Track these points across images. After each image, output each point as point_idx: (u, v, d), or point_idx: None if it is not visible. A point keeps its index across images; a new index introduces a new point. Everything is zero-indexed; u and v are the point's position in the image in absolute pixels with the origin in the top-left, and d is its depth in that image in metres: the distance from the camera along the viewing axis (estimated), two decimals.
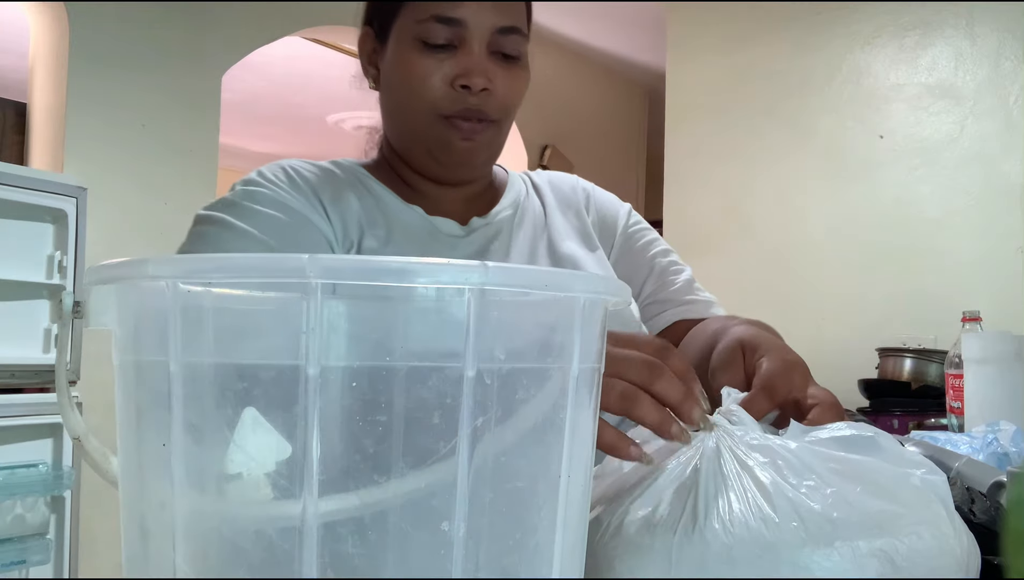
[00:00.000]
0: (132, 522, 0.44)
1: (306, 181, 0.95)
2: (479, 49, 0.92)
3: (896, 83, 3.21)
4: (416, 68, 0.92)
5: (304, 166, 0.98)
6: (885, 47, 3.23)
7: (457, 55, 0.92)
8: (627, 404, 0.61)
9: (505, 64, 0.95)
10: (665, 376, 0.62)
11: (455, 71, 0.92)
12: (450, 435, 0.40)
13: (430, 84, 0.92)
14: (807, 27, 3.39)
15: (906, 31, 3.19)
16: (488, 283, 0.39)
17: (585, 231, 1.08)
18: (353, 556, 0.39)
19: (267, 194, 0.92)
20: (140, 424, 0.43)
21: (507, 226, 1.03)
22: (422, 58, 0.92)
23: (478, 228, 1.01)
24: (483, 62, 0.92)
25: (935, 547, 0.54)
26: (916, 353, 2.81)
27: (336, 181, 0.98)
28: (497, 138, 0.98)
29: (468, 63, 0.92)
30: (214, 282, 0.40)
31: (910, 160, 3.16)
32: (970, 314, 1.76)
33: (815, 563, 0.52)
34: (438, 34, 0.91)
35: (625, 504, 0.61)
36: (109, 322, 0.44)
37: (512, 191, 1.07)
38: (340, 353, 0.39)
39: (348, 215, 0.94)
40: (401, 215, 0.97)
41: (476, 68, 0.91)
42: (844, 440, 0.61)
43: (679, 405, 0.61)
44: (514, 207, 1.06)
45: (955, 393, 1.65)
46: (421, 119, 0.94)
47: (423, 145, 0.96)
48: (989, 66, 3.04)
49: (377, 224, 0.95)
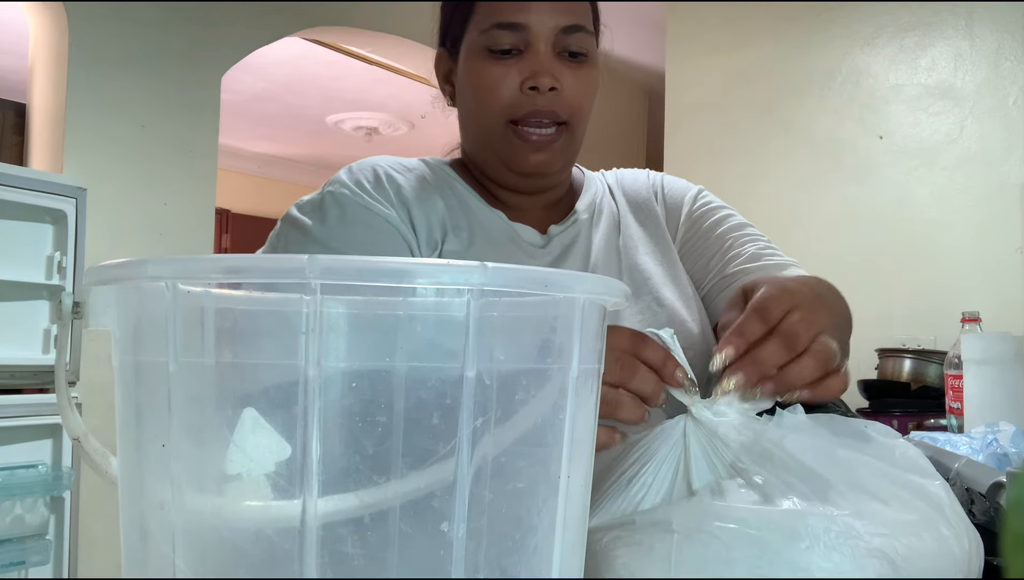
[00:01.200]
0: (132, 523, 0.44)
1: (393, 183, 0.96)
2: (545, 50, 0.93)
3: (895, 84, 3.21)
4: (484, 77, 0.93)
5: (392, 166, 0.99)
6: (884, 48, 3.23)
7: (523, 59, 0.93)
8: (610, 409, 0.65)
9: (573, 63, 0.94)
10: (639, 372, 0.65)
11: (522, 75, 0.92)
12: (450, 436, 0.40)
13: (499, 90, 0.93)
14: (807, 28, 3.39)
15: (905, 32, 3.19)
16: (488, 284, 0.39)
17: (659, 234, 1.06)
18: (353, 557, 0.39)
19: (352, 201, 0.93)
20: (140, 425, 0.43)
21: (584, 231, 1.02)
22: (489, 66, 0.93)
23: (555, 235, 1.00)
24: (549, 62, 0.93)
25: (934, 548, 0.54)
26: (915, 354, 2.81)
27: (423, 183, 0.98)
28: (571, 144, 0.97)
29: (534, 64, 0.92)
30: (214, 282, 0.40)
31: (909, 161, 3.16)
32: (969, 315, 1.76)
33: (814, 563, 0.52)
34: (503, 40, 0.92)
35: (624, 505, 0.61)
36: (109, 323, 0.44)
37: (588, 193, 1.06)
38: (340, 354, 0.39)
39: (433, 217, 0.95)
40: (484, 219, 0.98)
41: (542, 69, 0.92)
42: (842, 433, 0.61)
43: (650, 398, 0.65)
44: (590, 210, 1.05)
45: (954, 394, 1.65)
46: (493, 128, 0.95)
47: (497, 157, 0.97)
48: (988, 67, 3.04)
49: (460, 226, 0.96)
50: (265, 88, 5.40)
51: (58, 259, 2.68)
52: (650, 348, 0.66)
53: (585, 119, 0.98)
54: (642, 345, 0.66)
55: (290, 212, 0.95)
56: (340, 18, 3.85)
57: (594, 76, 0.97)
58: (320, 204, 0.94)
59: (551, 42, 0.93)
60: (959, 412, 1.61)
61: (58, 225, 2.70)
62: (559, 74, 0.93)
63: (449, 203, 0.97)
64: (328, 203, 0.93)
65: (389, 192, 0.95)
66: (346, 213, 0.92)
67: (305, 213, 0.93)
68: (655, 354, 0.66)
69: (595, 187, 1.08)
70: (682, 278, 1.03)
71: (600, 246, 1.01)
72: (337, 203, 0.93)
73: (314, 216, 0.93)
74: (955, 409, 1.64)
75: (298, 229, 0.93)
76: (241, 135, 6.44)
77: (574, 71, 0.94)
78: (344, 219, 0.92)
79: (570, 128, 0.95)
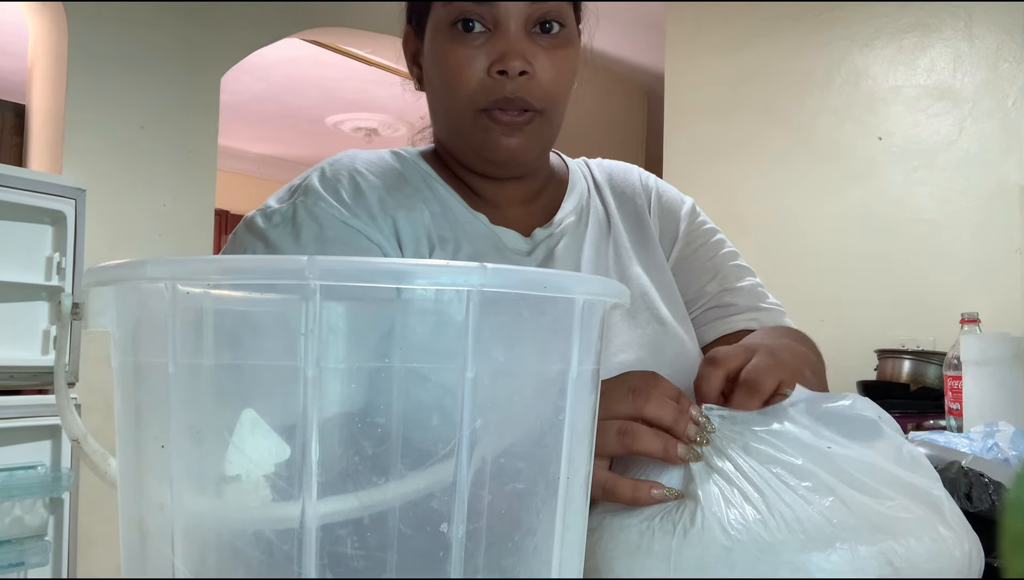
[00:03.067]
0: (131, 524, 0.44)
1: (374, 191, 0.87)
2: (516, 28, 0.83)
3: (895, 85, 3.21)
4: (450, 58, 0.84)
5: (370, 169, 0.90)
6: (884, 49, 3.24)
7: (492, 38, 0.83)
8: (627, 441, 0.62)
9: (547, 42, 0.85)
10: (653, 399, 0.63)
11: (490, 57, 0.83)
12: (449, 437, 0.40)
13: (465, 75, 0.84)
14: (806, 29, 3.39)
15: (905, 33, 3.20)
16: (487, 285, 0.39)
17: (651, 246, 1.00)
18: (352, 558, 0.39)
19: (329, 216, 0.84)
20: (139, 426, 0.43)
21: (571, 235, 0.95)
22: (455, 47, 0.84)
23: (541, 240, 0.93)
24: (520, 43, 0.83)
25: (933, 549, 0.54)
26: (915, 354, 2.81)
27: (404, 186, 0.90)
28: (546, 130, 0.88)
29: (503, 46, 0.83)
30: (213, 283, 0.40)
31: (908, 161, 3.16)
32: (969, 315, 1.76)
33: (814, 565, 0.52)
34: (469, 17, 0.83)
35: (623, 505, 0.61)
36: (108, 323, 0.44)
37: (574, 193, 0.99)
38: (339, 355, 0.39)
39: (420, 229, 0.88)
40: (467, 225, 0.90)
41: (512, 50, 0.82)
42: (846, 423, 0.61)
43: (673, 425, 0.62)
44: (577, 212, 0.97)
45: (954, 394, 1.65)
46: (461, 115, 0.86)
47: (467, 143, 0.89)
48: (987, 68, 3.04)
49: (447, 238, 0.88)
50: (265, 89, 5.40)
51: (57, 260, 2.68)
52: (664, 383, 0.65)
53: (562, 105, 0.88)
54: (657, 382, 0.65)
55: (255, 222, 0.84)
56: (340, 19, 3.85)
57: (572, 56, 0.87)
58: (292, 217, 0.83)
59: (522, 18, 0.83)
60: (958, 413, 1.61)
61: (57, 226, 2.70)
62: (531, 56, 0.83)
63: (433, 210, 0.90)
64: (302, 217, 0.83)
65: (371, 202, 0.86)
66: (324, 230, 0.83)
67: (275, 226, 0.83)
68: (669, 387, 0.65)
69: (580, 184, 1.00)
70: (677, 296, 0.98)
71: (589, 255, 0.95)
72: (312, 217, 0.83)
73: (284, 230, 0.83)
74: (954, 410, 1.65)
75: (268, 246, 0.82)
76: (241, 136, 6.44)
77: (549, 52, 0.85)
78: (322, 237, 0.82)
79: (545, 115, 0.86)
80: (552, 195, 0.98)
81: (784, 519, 0.54)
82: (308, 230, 0.82)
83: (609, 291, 0.45)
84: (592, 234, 0.97)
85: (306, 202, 0.84)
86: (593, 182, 1.03)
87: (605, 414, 0.61)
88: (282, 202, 0.85)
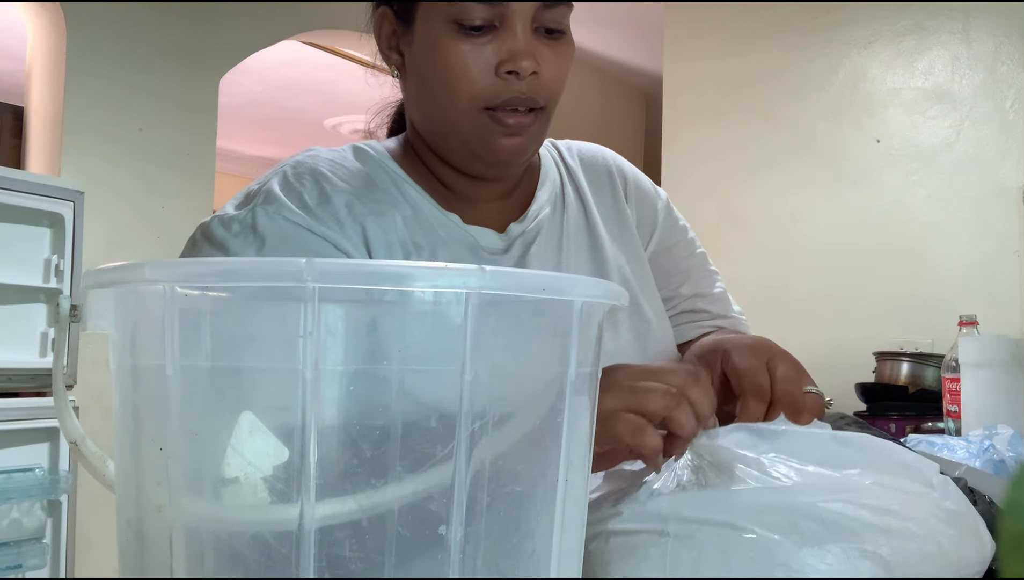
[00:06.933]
0: (128, 526, 0.44)
1: (341, 197, 0.84)
2: (523, 27, 0.81)
3: (893, 87, 3.21)
4: (454, 56, 0.81)
5: (335, 172, 0.86)
6: (882, 51, 3.24)
7: (499, 37, 0.81)
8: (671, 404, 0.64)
9: (551, 42, 0.84)
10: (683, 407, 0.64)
11: (499, 56, 0.81)
12: (447, 439, 0.40)
13: (472, 74, 0.81)
14: (804, 31, 3.40)
15: (902, 36, 3.20)
16: (486, 287, 0.39)
17: (628, 237, 0.99)
18: (350, 560, 0.39)
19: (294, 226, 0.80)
20: (137, 428, 0.43)
21: (547, 227, 0.93)
22: (459, 44, 0.81)
23: (517, 236, 0.91)
24: (530, 43, 0.82)
25: (929, 549, 0.54)
26: (913, 357, 2.81)
27: (372, 190, 0.87)
28: (544, 128, 0.87)
29: (514, 45, 0.81)
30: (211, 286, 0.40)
31: (907, 164, 3.16)
32: (967, 318, 1.76)
33: (809, 565, 0.53)
34: (475, 14, 0.80)
35: (621, 507, 0.61)
36: (106, 326, 0.44)
37: (547, 181, 0.96)
38: (337, 357, 0.39)
39: (392, 236, 0.85)
40: (440, 229, 0.88)
41: (524, 51, 0.81)
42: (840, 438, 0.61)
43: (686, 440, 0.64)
44: (552, 202, 0.95)
45: (952, 397, 1.65)
46: (462, 114, 0.83)
47: (461, 141, 0.86)
48: (985, 70, 3.04)
49: (421, 245, 0.86)
50: (263, 91, 5.40)
51: (56, 262, 2.68)
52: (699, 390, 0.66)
53: (558, 102, 0.87)
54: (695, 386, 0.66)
55: (212, 230, 0.80)
56: (338, 21, 3.85)
57: (571, 52, 0.87)
58: (253, 226, 0.79)
59: (529, 18, 0.82)
60: (956, 415, 1.61)
61: (55, 228, 2.70)
62: (539, 56, 0.82)
63: (404, 214, 0.86)
64: (263, 226, 0.79)
65: (338, 208, 0.83)
66: (289, 241, 0.79)
67: (235, 235, 0.79)
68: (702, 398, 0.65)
69: (552, 172, 0.98)
70: (654, 288, 0.98)
71: (568, 250, 0.93)
72: (276, 228, 0.79)
73: (245, 240, 0.79)
74: (952, 412, 1.65)
75: (228, 256, 0.79)
76: (239, 138, 6.44)
77: (553, 50, 0.84)
78: (285, 246, 0.79)
79: (545, 113, 0.86)
80: (525, 186, 0.95)
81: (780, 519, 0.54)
82: (273, 240, 0.79)
83: (608, 294, 0.45)
84: (570, 226, 0.95)
85: (267, 209, 0.80)
86: (565, 167, 1.00)
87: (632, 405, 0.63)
88: (240, 208, 0.82)
